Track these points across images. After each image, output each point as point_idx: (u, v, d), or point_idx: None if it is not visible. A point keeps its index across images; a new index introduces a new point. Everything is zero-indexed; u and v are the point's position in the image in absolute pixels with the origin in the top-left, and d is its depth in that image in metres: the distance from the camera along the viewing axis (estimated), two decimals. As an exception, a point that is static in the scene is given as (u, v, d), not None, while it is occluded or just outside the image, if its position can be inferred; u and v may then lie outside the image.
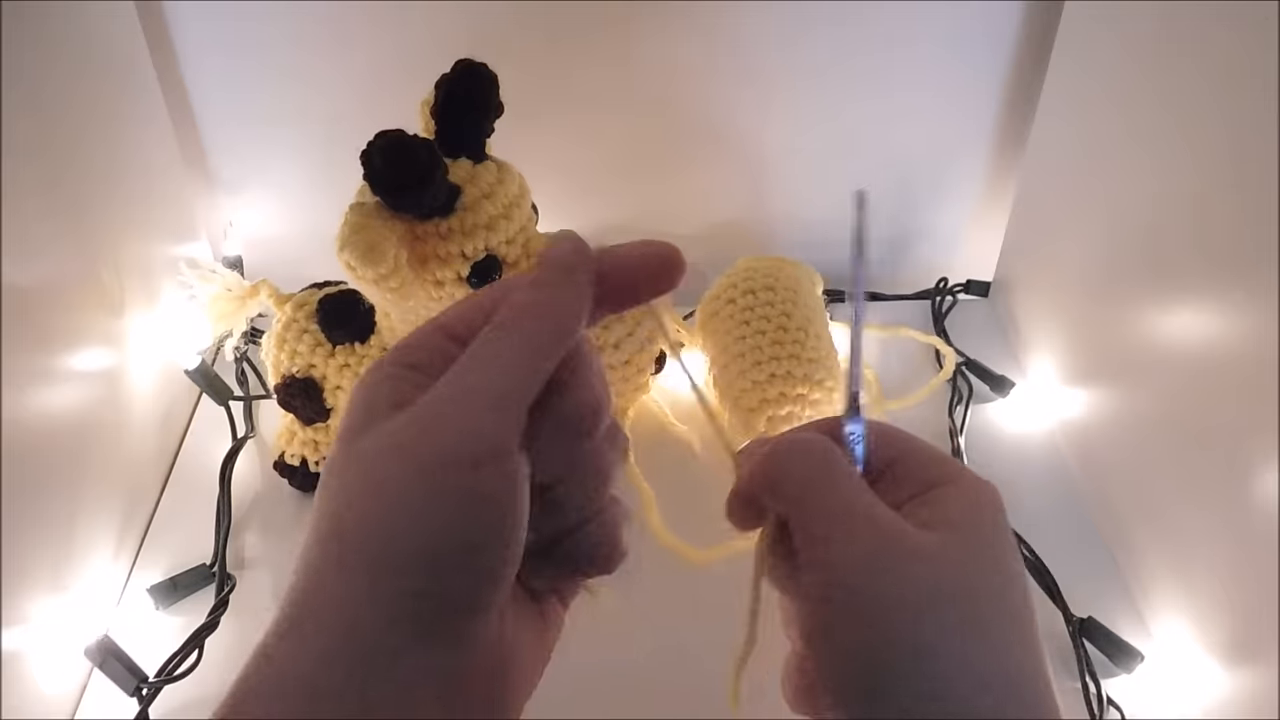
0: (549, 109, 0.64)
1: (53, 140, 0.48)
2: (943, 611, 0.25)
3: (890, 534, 0.26)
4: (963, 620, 0.25)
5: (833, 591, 0.26)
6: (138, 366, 0.56)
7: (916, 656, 0.24)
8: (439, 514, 0.24)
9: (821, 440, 0.29)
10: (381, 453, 0.25)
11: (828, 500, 0.27)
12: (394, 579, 0.24)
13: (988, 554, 0.26)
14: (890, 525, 0.26)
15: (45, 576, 0.46)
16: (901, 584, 0.25)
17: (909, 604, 0.25)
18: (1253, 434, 0.42)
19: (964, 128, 0.69)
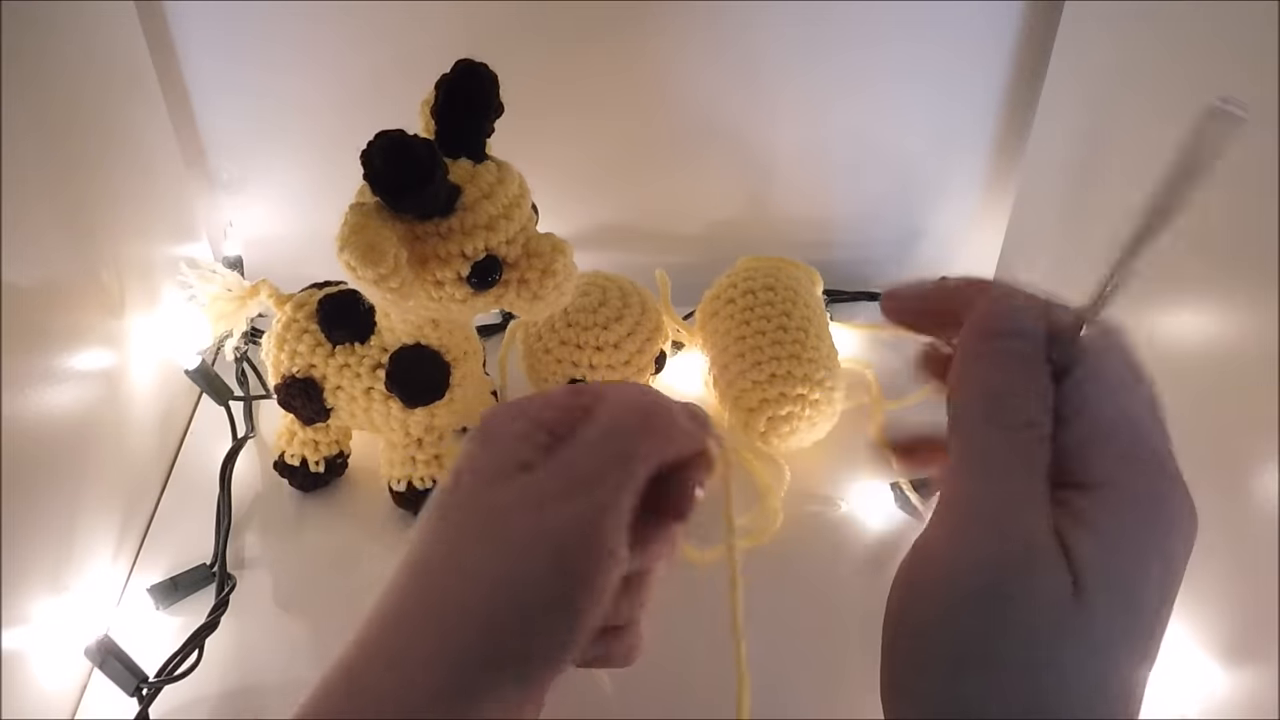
0: (549, 109, 0.64)
1: (53, 140, 0.48)
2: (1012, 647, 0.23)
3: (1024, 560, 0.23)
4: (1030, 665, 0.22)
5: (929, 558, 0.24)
6: (138, 366, 0.56)
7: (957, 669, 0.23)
8: (557, 576, 0.26)
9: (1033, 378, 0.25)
10: (513, 508, 0.27)
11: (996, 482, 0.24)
12: (506, 621, 0.25)
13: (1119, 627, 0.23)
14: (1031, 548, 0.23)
15: (45, 576, 0.45)
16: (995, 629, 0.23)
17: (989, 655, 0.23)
18: (1253, 434, 0.42)
19: (964, 128, 0.69)
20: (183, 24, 0.61)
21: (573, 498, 0.27)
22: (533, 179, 0.46)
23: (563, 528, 0.26)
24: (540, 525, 0.26)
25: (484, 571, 0.26)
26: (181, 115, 0.65)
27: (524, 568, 0.26)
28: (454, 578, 0.26)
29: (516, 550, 0.26)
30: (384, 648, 0.26)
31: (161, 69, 0.62)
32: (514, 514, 0.27)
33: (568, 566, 0.26)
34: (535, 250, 0.44)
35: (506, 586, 0.26)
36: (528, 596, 0.25)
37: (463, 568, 0.26)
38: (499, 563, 0.26)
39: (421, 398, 0.51)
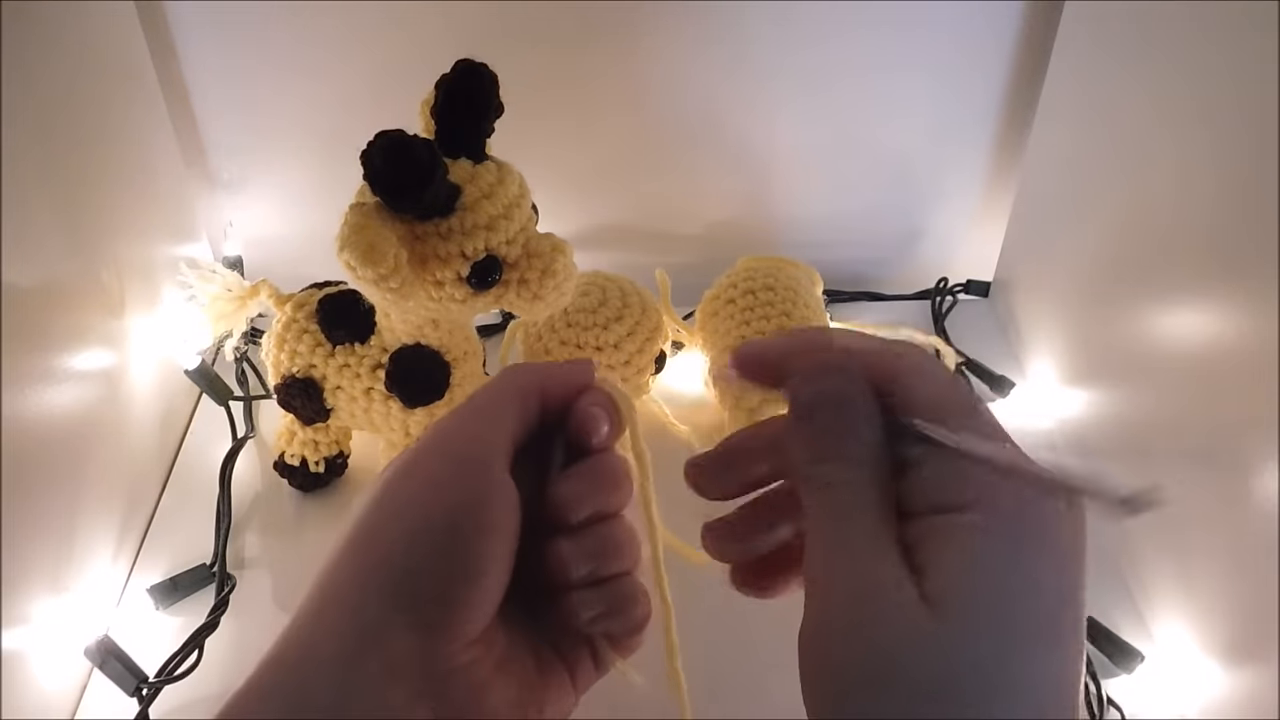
0: (549, 109, 0.64)
1: (53, 140, 0.48)
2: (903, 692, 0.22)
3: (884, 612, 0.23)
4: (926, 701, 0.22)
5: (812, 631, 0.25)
6: (138, 366, 0.56)
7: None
8: (433, 503, 0.28)
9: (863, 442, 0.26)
10: (393, 460, 0.30)
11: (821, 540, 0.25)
12: (385, 557, 0.27)
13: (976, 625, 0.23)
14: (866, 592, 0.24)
15: (45, 576, 0.45)
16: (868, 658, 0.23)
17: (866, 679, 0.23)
18: (1253, 434, 0.42)
19: (964, 128, 0.69)
20: (183, 24, 0.61)
21: (447, 438, 0.30)
22: (533, 179, 0.46)
23: (441, 459, 0.29)
24: (420, 457, 0.29)
25: (364, 517, 0.29)
26: (181, 115, 0.65)
27: (406, 497, 0.28)
28: (344, 534, 0.29)
29: (398, 482, 0.29)
30: (303, 603, 0.29)
31: (161, 69, 0.62)
32: (404, 458, 0.30)
33: (450, 498, 0.28)
34: (535, 250, 0.44)
35: (391, 521, 0.28)
36: (410, 525, 0.28)
37: (350, 526, 0.29)
38: (385, 499, 0.29)
39: (421, 398, 0.51)
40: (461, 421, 0.30)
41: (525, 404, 0.31)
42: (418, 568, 0.27)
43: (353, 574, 0.27)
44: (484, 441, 0.29)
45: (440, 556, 0.27)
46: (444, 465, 0.29)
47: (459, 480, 0.28)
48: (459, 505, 0.28)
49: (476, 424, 0.30)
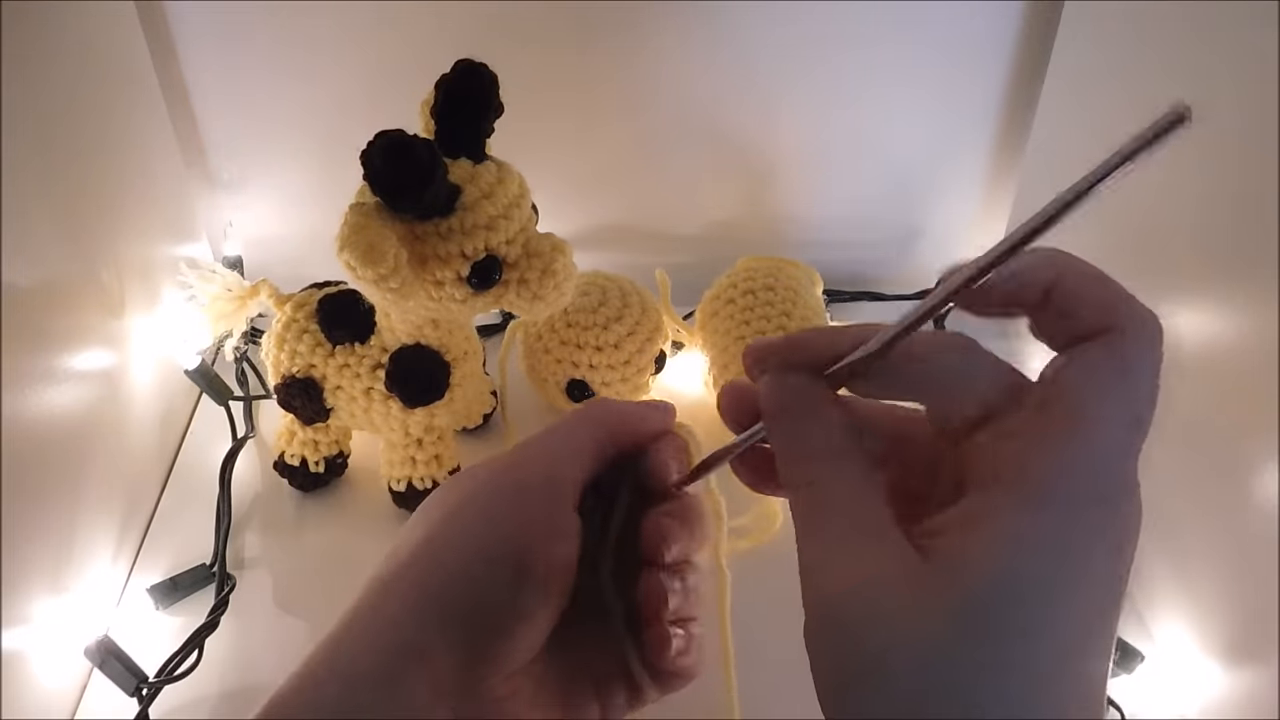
0: (549, 109, 0.64)
1: (53, 140, 0.48)
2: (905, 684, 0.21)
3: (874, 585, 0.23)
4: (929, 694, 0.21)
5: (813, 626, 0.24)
6: (138, 366, 0.56)
7: None
8: (492, 533, 0.28)
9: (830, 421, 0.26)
10: (462, 481, 0.30)
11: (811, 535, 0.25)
12: (442, 584, 0.27)
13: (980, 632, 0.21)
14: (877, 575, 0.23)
15: (45, 576, 0.46)
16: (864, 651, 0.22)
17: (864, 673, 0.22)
18: (1253, 434, 0.42)
19: (964, 128, 0.69)
20: (183, 24, 0.61)
21: (517, 468, 0.30)
22: (533, 179, 0.46)
23: (514, 491, 0.29)
24: (492, 483, 0.29)
25: (431, 533, 0.29)
26: (181, 115, 0.65)
27: (471, 523, 0.28)
28: (391, 555, 0.29)
29: (466, 506, 0.29)
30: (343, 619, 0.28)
31: (161, 69, 0.62)
32: (474, 480, 0.30)
33: (516, 533, 0.28)
34: (535, 250, 0.44)
35: (452, 547, 0.28)
36: (472, 555, 0.28)
37: (396, 548, 0.29)
38: (449, 521, 0.29)
39: (421, 398, 0.51)
40: (538, 452, 0.30)
41: (602, 442, 0.31)
42: (474, 599, 0.27)
43: (405, 594, 0.27)
44: (557, 479, 0.29)
45: (498, 590, 0.27)
46: (514, 498, 0.29)
47: (527, 515, 0.28)
48: (524, 542, 0.28)
49: (551, 458, 0.30)
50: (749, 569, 0.52)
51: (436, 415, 0.52)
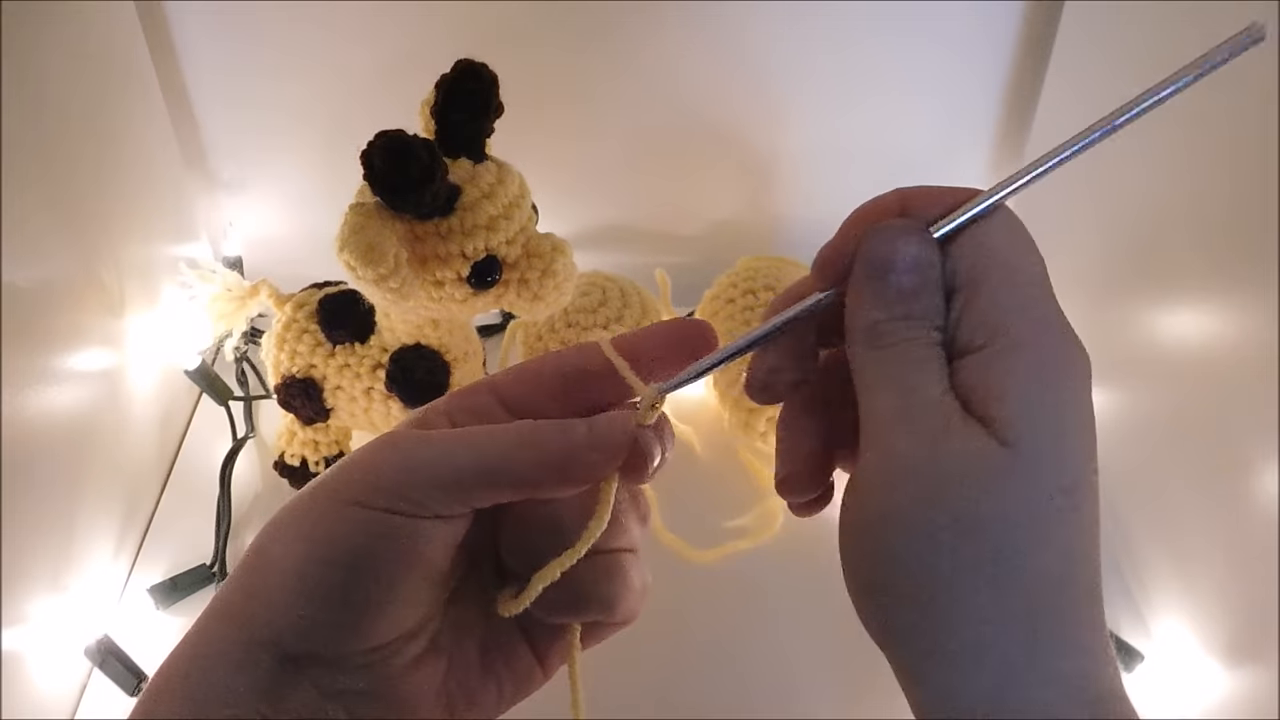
0: (549, 109, 0.64)
1: (53, 140, 0.48)
2: (963, 541, 0.23)
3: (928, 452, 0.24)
4: (982, 555, 0.23)
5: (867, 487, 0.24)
6: (138, 366, 0.56)
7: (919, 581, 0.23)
8: (334, 537, 0.26)
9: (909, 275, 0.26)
10: (338, 469, 0.27)
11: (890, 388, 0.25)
12: (270, 615, 0.25)
13: (1036, 472, 0.23)
14: (934, 440, 0.24)
15: (45, 576, 0.45)
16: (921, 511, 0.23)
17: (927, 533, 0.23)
18: (1253, 434, 0.42)
19: (964, 128, 0.69)
20: (183, 24, 0.61)
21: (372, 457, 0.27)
22: (533, 179, 0.46)
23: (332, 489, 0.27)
24: (311, 490, 0.28)
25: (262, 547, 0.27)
26: (181, 115, 0.65)
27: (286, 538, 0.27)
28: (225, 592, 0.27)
29: (281, 521, 0.28)
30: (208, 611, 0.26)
31: (161, 69, 0.62)
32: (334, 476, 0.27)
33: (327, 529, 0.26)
34: (535, 250, 0.44)
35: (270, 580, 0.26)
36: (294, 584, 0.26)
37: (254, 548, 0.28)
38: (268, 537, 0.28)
39: (421, 398, 0.51)
40: (341, 468, 0.27)
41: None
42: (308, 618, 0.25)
43: (236, 632, 0.25)
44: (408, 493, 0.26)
45: (329, 608, 0.25)
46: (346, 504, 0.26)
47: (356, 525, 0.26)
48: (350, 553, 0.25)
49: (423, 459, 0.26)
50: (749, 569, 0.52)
51: (436, 415, 0.52)
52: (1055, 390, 0.24)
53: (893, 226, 0.27)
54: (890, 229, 0.26)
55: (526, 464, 0.26)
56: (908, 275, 0.26)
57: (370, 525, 0.25)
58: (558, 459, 0.26)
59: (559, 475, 0.26)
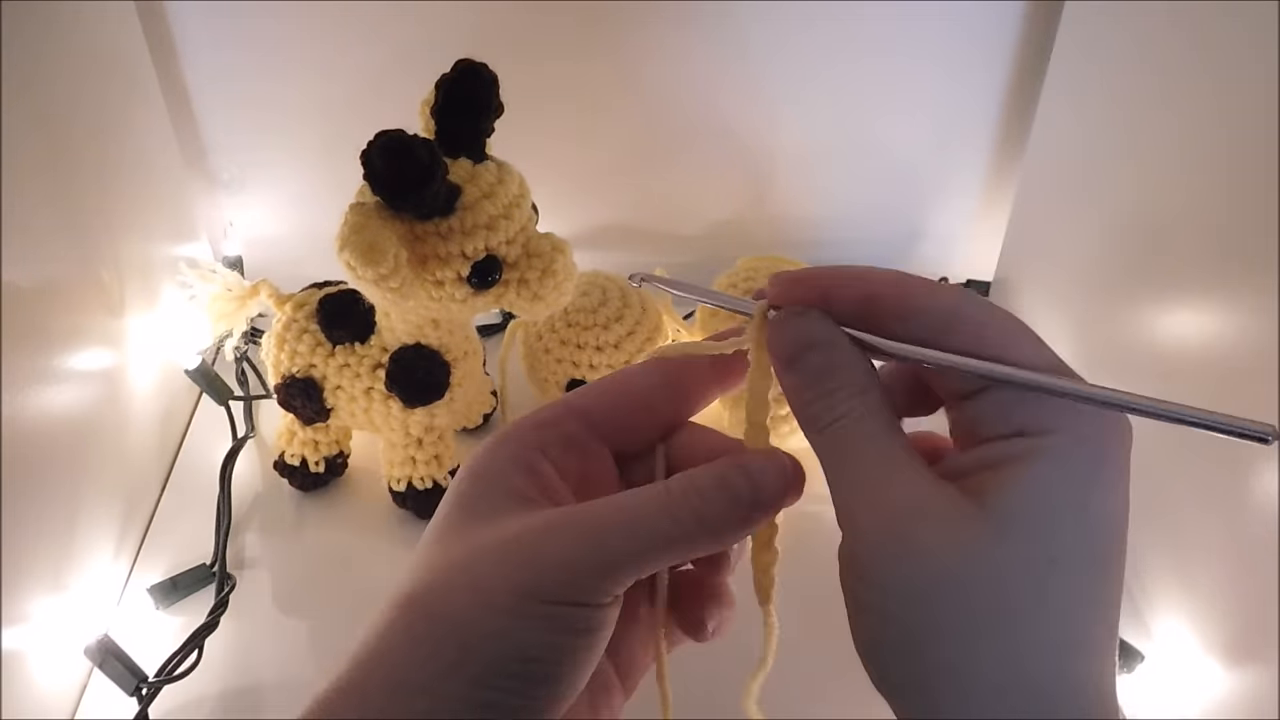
0: (549, 109, 0.64)
1: (53, 140, 0.48)
2: (946, 599, 0.22)
3: (908, 518, 0.23)
4: (970, 609, 0.22)
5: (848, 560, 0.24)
6: (138, 366, 0.56)
7: (919, 651, 0.23)
8: (517, 633, 0.24)
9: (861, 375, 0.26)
10: (488, 548, 0.25)
11: (845, 469, 0.25)
12: (455, 667, 0.24)
13: (1035, 547, 0.23)
14: (910, 505, 0.23)
15: (45, 576, 0.45)
16: (906, 578, 0.23)
17: (911, 594, 0.23)
18: (1253, 434, 0.42)
19: (964, 127, 0.69)
20: (183, 24, 0.61)
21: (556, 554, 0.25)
22: (533, 179, 0.46)
23: (529, 587, 0.25)
24: (506, 578, 0.25)
25: (453, 618, 0.25)
26: (181, 115, 0.65)
27: (487, 620, 0.24)
28: (420, 620, 0.25)
29: (484, 602, 0.25)
30: (349, 675, 0.25)
31: (161, 69, 0.62)
32: (489, 559, 0.26)
33: (531, 626, 0.25)
34: (535, 250, 0.44)
35: (467, 638, 0.24)
36: (492, 651, 0.24)
37: (431, 611, 0.25)
38: (467, 612, 0.25)
39: (421, 398, 0.51)
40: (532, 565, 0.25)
41: None
42: (483, 685, 0.24)
43: (412, 659, 0.24)
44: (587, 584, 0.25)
45: (509, 684, 0.24)
46: (525, 601, 0.25)
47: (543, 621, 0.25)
48: (542, 647, 0.25)
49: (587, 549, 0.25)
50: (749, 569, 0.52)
51: (436, 415, 0.52)
52: (1072, 476, 0.24)
53: (789, 312, 0.27)
54: (787, 315, 0.27)
55: (689, 538, 0.26)
56: (813, 354, 0.26)
57: (559, 621, 0.25)
58: (721, 525, 0.26)
59: (723, 541, 0.26)
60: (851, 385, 0.25)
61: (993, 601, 0.22)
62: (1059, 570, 0.23)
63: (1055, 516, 0.23)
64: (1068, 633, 0.23)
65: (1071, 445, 0.23)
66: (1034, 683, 0.23)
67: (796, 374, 0.26)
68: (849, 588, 0.25)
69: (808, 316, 0.26)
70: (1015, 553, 0.23)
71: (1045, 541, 0.23)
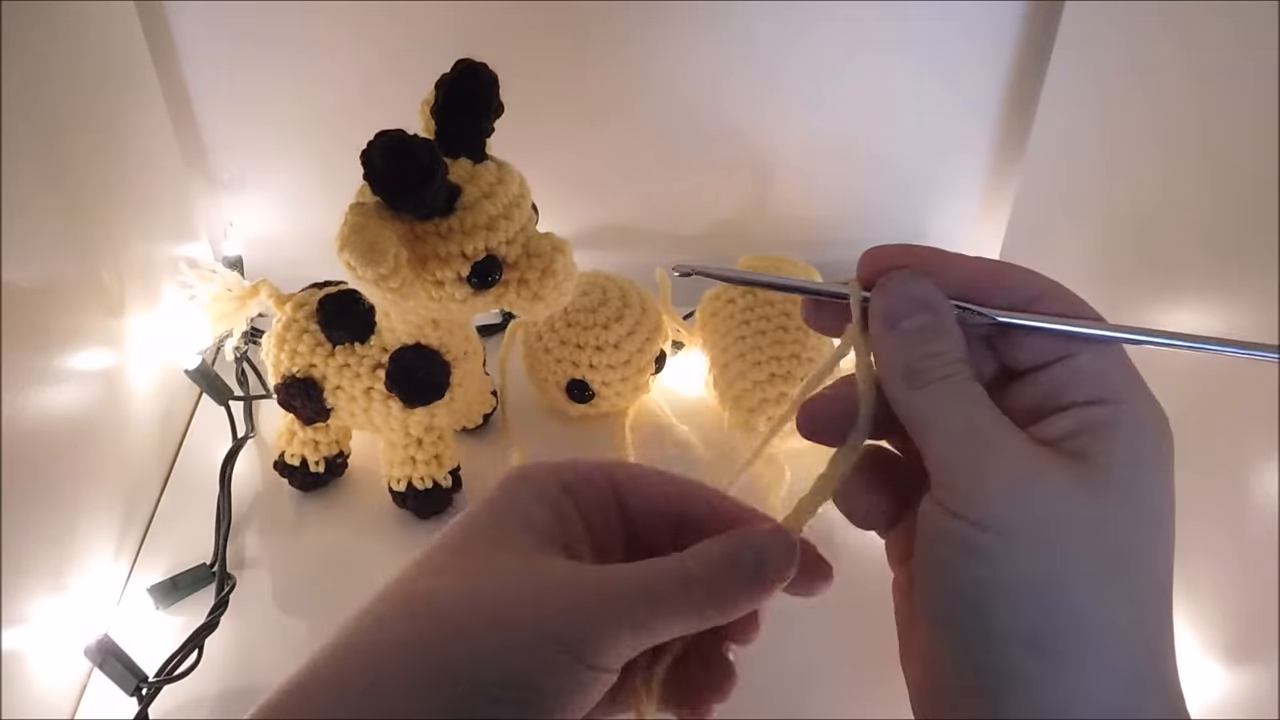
0: (549, 109, 0.64)
1: (53, 140, 0.48)
2: (1075, 543, 0.24)
3: (1030, 466, 0.24)
4: (1097, 556, 0.24)
5: (954, 523, 0.24)
6: (138, 366, 0.56)
7: (1041, 591, 0.23)
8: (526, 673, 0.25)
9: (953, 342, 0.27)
10: (525, 592, 0.26)
11: (955, 418, 0.26)
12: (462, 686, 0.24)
13: (1140, 506, 0.25)
14: (1029, 456, 0.25)
15: (45, 576, 0.45)
16: (1037, 518, 0.24)
17: (1040, 535, 0.24)
18: (1253, 434, 0.42)
19: (964, 127, 0.69)
20: (183, 24, 0.61)
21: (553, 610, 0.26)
22: (533, 179, 0.46)
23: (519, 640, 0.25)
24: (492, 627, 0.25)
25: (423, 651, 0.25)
26: (181, 115, 0.65)
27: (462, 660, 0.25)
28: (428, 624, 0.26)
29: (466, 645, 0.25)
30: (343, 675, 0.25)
31: (161, 69, 0.62)
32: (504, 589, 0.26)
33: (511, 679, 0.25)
34: (535, 250, 0.44)
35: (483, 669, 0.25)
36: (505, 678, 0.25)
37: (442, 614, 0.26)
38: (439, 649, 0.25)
39: (421, 398, 0.51)
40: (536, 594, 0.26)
41: None
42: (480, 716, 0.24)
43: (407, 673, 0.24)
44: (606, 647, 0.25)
45: None
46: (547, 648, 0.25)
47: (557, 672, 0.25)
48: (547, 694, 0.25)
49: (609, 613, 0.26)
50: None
51: (436, 415, 0.52)
52: (1157, 444, 0.26)
53: (900, 276, 0.28)
54: (898, 278, 0.28)
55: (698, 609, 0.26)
56: (925, 315, 0.27)
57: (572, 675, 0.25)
58: (729, 599, 0.27)
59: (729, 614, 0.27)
60: (958, 349, 0.27)
61: (1116, 552, 0.24)
62: (1162, 529, 0.25)
63: (1155, 479, 0.26)
64: (1166, 589, 0.25)
65: (1149, 413, 0.26)
66: (1147, 633, 0.25)
67: (903, 333, 0.27)
68: (943, 536, 0.25)
69: (920, 280, 0.27)
70: (1129, 509, 0.24)
71: (1151, 501, 0.25)
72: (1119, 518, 0.24)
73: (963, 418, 0.26)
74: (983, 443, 0.25)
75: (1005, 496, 0.24)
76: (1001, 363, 0.28)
